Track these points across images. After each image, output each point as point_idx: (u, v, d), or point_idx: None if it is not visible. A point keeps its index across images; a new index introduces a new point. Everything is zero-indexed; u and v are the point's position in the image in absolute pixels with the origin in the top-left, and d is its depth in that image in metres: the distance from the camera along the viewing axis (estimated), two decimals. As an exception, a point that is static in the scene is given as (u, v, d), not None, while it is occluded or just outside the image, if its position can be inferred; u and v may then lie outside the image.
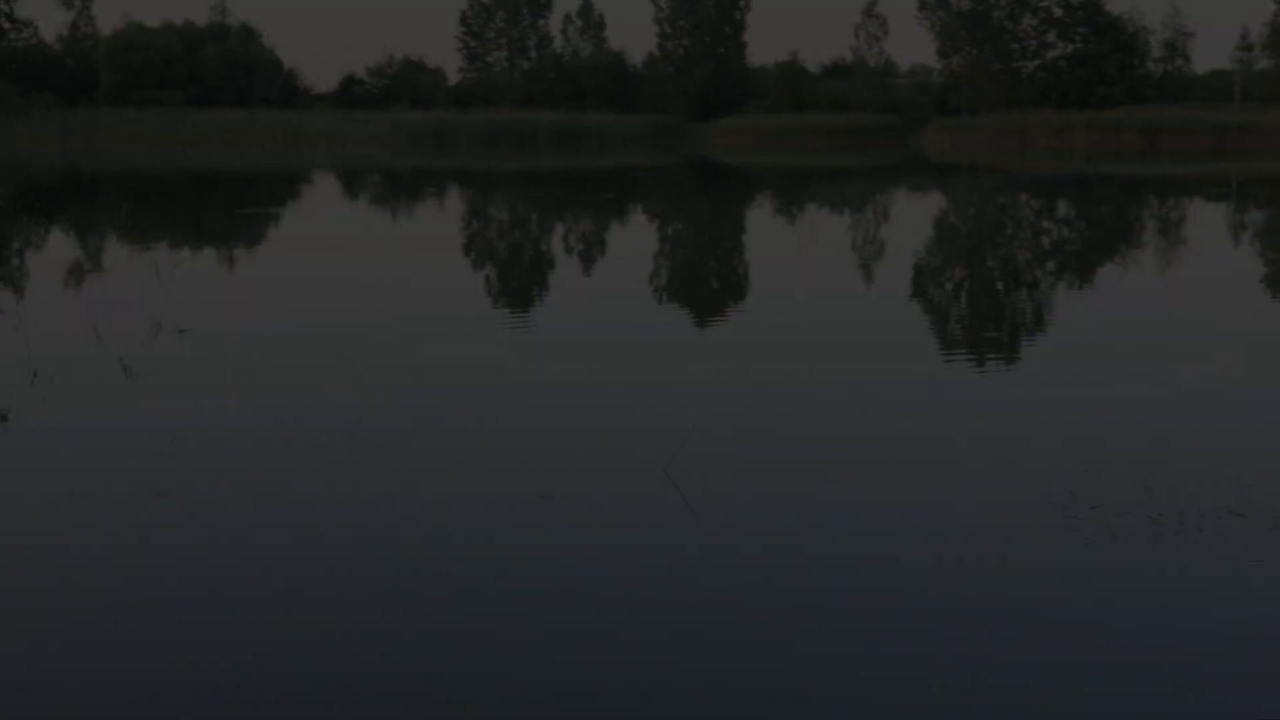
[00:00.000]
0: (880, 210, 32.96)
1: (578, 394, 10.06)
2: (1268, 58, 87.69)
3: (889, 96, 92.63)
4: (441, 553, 6.44)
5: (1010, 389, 10.57)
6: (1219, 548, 6.46)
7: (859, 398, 10.00)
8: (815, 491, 7.46)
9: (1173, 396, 10.18)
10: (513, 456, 8.07)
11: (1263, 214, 31.31)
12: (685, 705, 4.91)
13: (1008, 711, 4.85)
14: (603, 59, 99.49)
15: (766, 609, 5.76)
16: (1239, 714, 4.82)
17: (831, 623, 5.61)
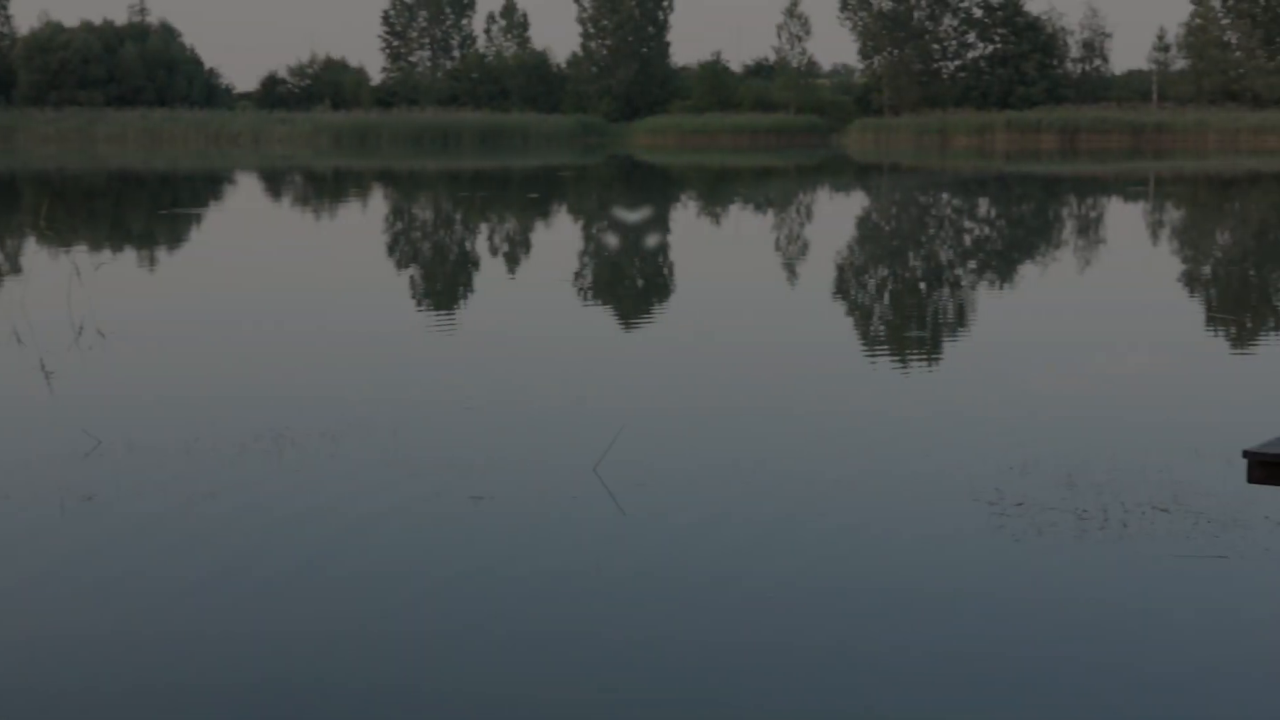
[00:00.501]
0: (804, 209, 33.14)
1: (506, 394, 10.04)
2: (1184, 58, 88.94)
3: (811, 96, 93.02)
4: (371, 554, 6.40)
5: (935, 387, 10.66)
6: (1144, 543, 6.55)
7: (785, 396, 10.04)
8: (743, 489, 7.48)
9: (1096, 393, 10.31)
10: (442, 458, 8.04)
11: (1179, 212, 31.79)
12: (617, 699, 4.92)
13: (932, 702, 4.90)
14: (526, 59, 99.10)
15: (697, 604, 5.78)
16: (1167, 701, 4.90)
17: (756, 617, 5.64)
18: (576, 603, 5.82)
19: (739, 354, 11.93)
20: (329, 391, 10.14)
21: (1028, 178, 46.34)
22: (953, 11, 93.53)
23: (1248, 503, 7.04)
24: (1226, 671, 5.15)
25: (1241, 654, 5.30)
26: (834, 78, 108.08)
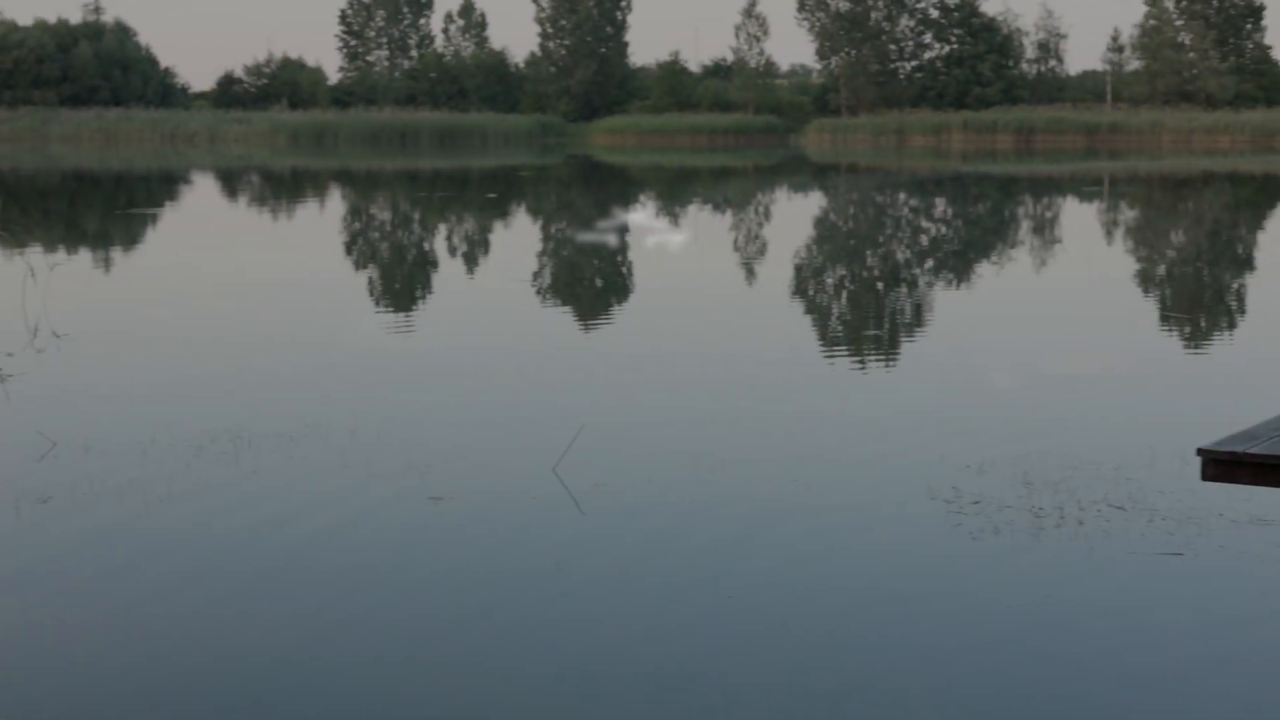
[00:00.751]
0: (763, 209, 33.20)
1: (465, 395, 10.03)
2: (1138, 59, 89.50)
3: (769, 97, 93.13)
4: (328, 556, 6.39)
5: (893, 386, 10.71)
6: (1099, 541, 6.60)
7: (743, 396, 10.07)
8: (702, 488, 7.50)
9: (1052, 392, 10.38)
10: (400, 460, 8.02)
11: (1134, 212, 32.01)
12: (577, 695, 4.93)
13: (891, 697, 4.93)
14: (484, 59, 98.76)
15: (655, 603, 5.79)
16: (1124, 696, 4.94)
17: (715, 616, 5.65)
18: (536, 602, 5.82)
19: (698, 354, 11.95)
20: (286, 393, 10.10)
21: (984, 178, 46.57)
22: (909, 12, 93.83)
23: (1202, 500, 7.11)
24: (1182, 666, 5.20)
25: (1197, 649, 5.35)
26: (792, 78, 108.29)
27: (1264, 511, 6.90)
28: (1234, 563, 6.29)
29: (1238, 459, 5.20)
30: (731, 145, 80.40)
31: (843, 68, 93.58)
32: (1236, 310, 15.61)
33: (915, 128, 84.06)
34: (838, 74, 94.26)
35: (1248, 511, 6.94)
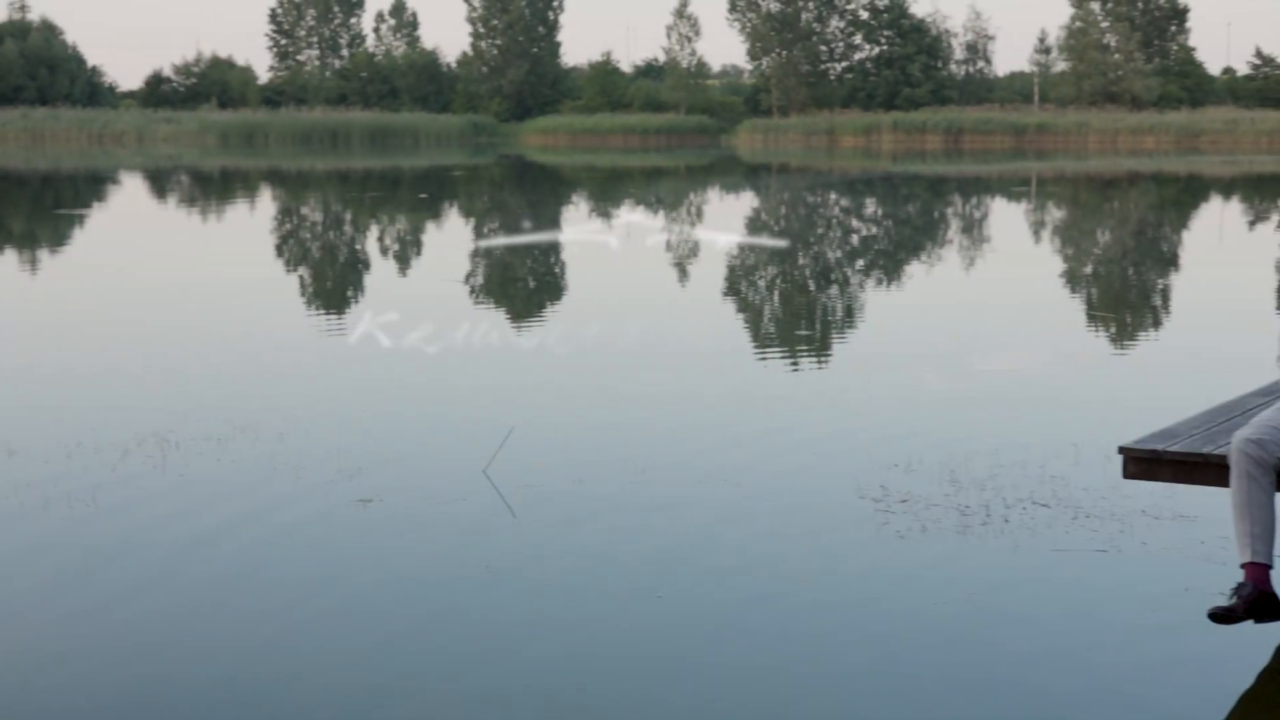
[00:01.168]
0: (695, 209, 33.28)
1: (394, 396, 9.99)
2: (1065, 60, 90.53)
3: (701, 97, 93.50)
4: (256, 559, 6.35)
5: (822, 385, 10.78)
6: (1024, 538, 6.67)
7: (673, 396, 10.10)
8: (633, 488, 7.52)
9: (979, 391, 10.48)
10: (329, 462, 7.98)
11: (1061, 211, 32.36)
12: (505, 699, 4.93)
13: (817, 697, 4.97)
14: (416, 58, 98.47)
15: (585, 604, 5.80)
16: (1047, 692, 5.00)
17: (646, 617, 5.68)
18: (466, 604, 5.82)
19: (629, 354, 11.97)
20: (214, 394, 10.02)
21: (914, 178, 46.91)
22: (840, 14, 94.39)
23: (1125, 497, 7.20)
24: (1106, 662, 5.27)
25: (1118, 645, 5.43)
26: (723, 78, 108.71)
27: (1186, 508, 7.01)
28: (1157, 559, 6.38)
29: (1158, 457, 5.28)
30: (663, 145, 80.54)
31: (774, 68, 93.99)
32: (1161, 309, 15.84)
33: (846, 128, 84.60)
34: (769, 75, 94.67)
35: (1170, 508, 7.04)
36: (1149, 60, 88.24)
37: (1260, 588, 4.93)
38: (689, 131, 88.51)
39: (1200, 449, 5.24)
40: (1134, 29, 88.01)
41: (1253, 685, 5.07)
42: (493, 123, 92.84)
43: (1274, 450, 4.99)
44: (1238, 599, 4.91)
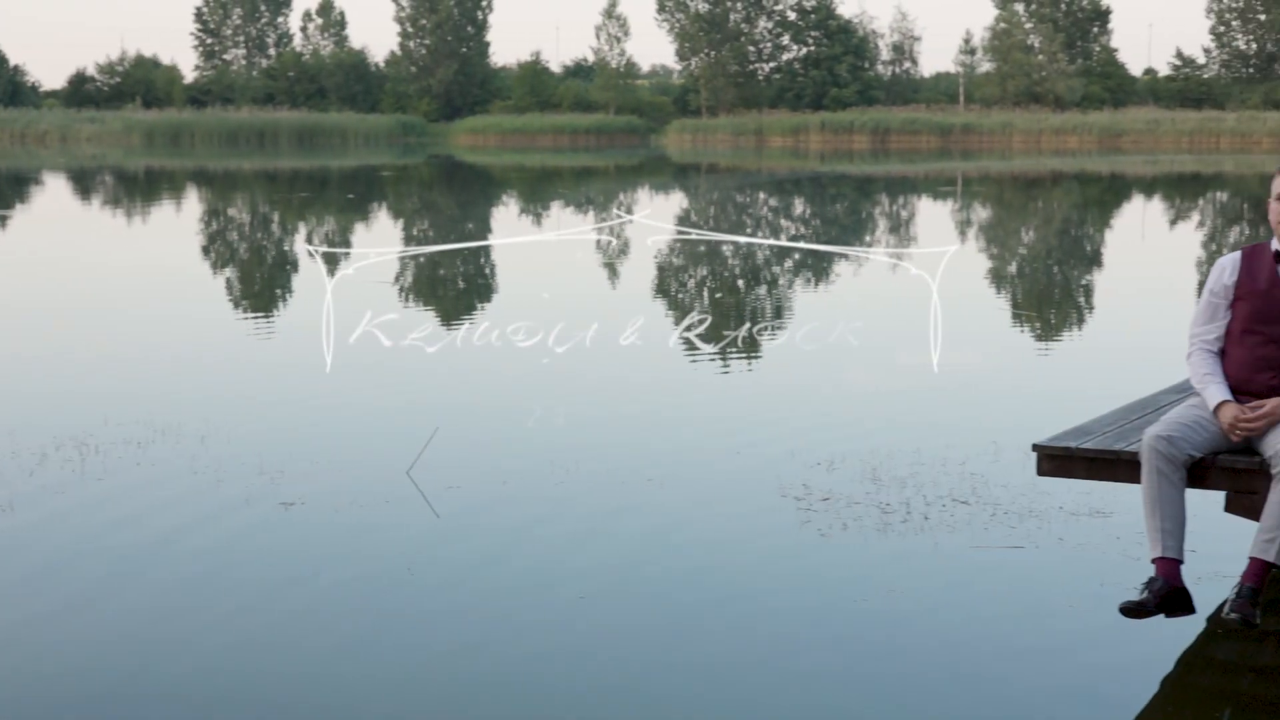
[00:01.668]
0: (625, 209, 33.29)
1: (318, 399, 9.95)
2: (989, 61, 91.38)
3: (630, 97, 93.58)
4: (177, 564, 6.30)
5: (746, 385, 10.83)
6: (944, 535, 6.75)
7: (597, 396, 10.12)
8: (557, 489, 7.53)
9: (901, 390, 10.56)
10: (251, 465, 7.93)
11: (986, 211, 32.66)
12: (429, 702, 4.93)
13: (740, 693, 5.00)
14: (344, 58, 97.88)
15: (508, 605, 5.81)
16: (968, 686, 5.06)
17: (568, 617, 5.69)
18: (389, 607, 5.81)
19: (552, 355, 11.97)
20: (136, 397, 9.93)
21: (841, 178, 47.18)
22: (768, 14, 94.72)
23: (1043, 494, 7.30)
24: (1021, 658, 5.34)
25: (1035, 641, 5.50)
26: (653, 79, 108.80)
27: (1102, 504, 7.11)
28: (1072, 554, 6.47)
29: (1070, 454, 5.36)
30: (593, 145, 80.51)
31: (702, 69, 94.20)
32: (1084, 307, 16.03)
33: (774, 128, 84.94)
34: (698, 75, 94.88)
35: (1087, 504, 7.15)
36: (1072, 61, 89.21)
37: (1171, 583, 5.01)
38: (618, 131, 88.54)
39: (1112, 446, 5.32)
40: (1057, 30, 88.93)
41: (1166, 679, 5.16)
42: (422, 123, 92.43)
43: (1184, 447, 5.08)
44: (1149, 593, 4.99)
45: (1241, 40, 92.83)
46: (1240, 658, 5.35)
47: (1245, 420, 5.11)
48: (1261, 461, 5.06)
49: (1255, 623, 4.88)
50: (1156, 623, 5.26)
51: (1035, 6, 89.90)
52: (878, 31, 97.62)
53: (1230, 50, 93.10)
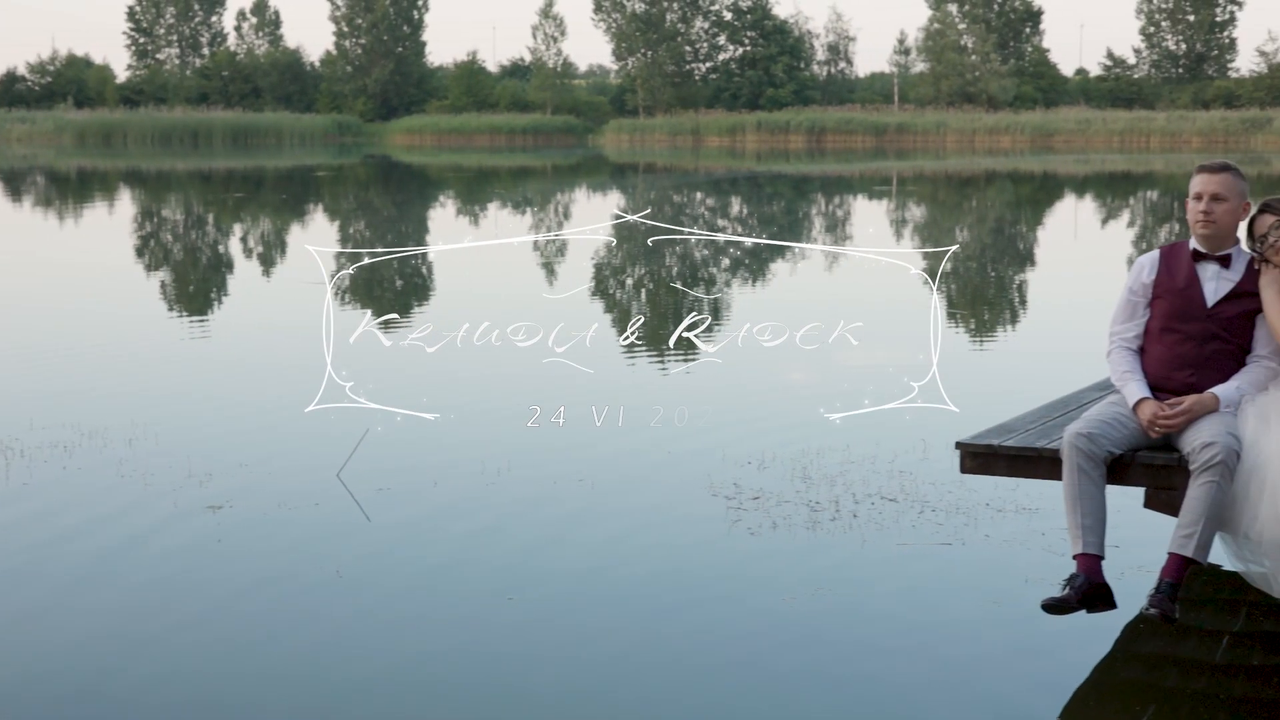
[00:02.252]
0: (562, 208, 33.29)
1: (247, 401, 9.88)
2: (923, 62, 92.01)
3: (568, 97, 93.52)
4: (102, 569, 6.25)
5: (678, 384, 10.85)
6: (871, 532, 6.80)
7: (528, 394, 10.10)
8: (488, 490, 7.52)
9: (832, 388, 10.61)
10: (179, 468, 7.87)
11: (920, 210, 32.88)
12: (357, 705, 4.92)
13: (671, 690, 5.02)
14: (279, 57, 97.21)
15: (439, 606, 5.80)
16: (894, 681, 5.11)
17: (499, 618, 5.69)
18: (317, 610, 5.78)
19: (485, 354, 11.95)
20: (62, 400, 9.83)
21: (778, 177, 47.34)
22: (704, 14, 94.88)
23: (970, 491, 7.37)
24: (947, 654, 5.39)
25: (961, 637, 5.55)
26: (589, 78, 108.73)
27: (1028, 501, 7.19)
28: (998, 550, 6.54)
29: (993, 452, 5.41)
30: (530, 145, 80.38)
31: (639, 69, 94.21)
32: (1018, 305, 16.18)
33: (711, 128, 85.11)
34: (634, 75, 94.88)
35: (1013, 501, 7.22)
36: (1005, 61, 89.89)
37: (1092, 578, 5.07)
38: (555, 131, 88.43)
39: (1034, 444, 5.38)
40: (990, 31, 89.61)
41: (1090, 674, 5.22)
42: (358, 122, 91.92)
43: (1104, 444, 5.14)
44: (1070, 590, 5.05)
45: (1171, 41, 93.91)
46: (1163, 652, 5.43)
47: (1163, 417, 5.19)
48: (1179, 458, 5.13)
49: (1174, 618, 4.95)
50: (1080, 618, 5.32)
51: (968, 7, 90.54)
52: (813, 32, 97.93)
53: (1160, 51, 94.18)
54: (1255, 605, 5.71)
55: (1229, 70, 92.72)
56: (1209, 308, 5.34)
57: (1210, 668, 5.27)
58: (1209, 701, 4.95)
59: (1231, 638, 5.54)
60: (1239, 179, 5.40)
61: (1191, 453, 5.03)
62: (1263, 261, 5.31)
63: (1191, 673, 5.24)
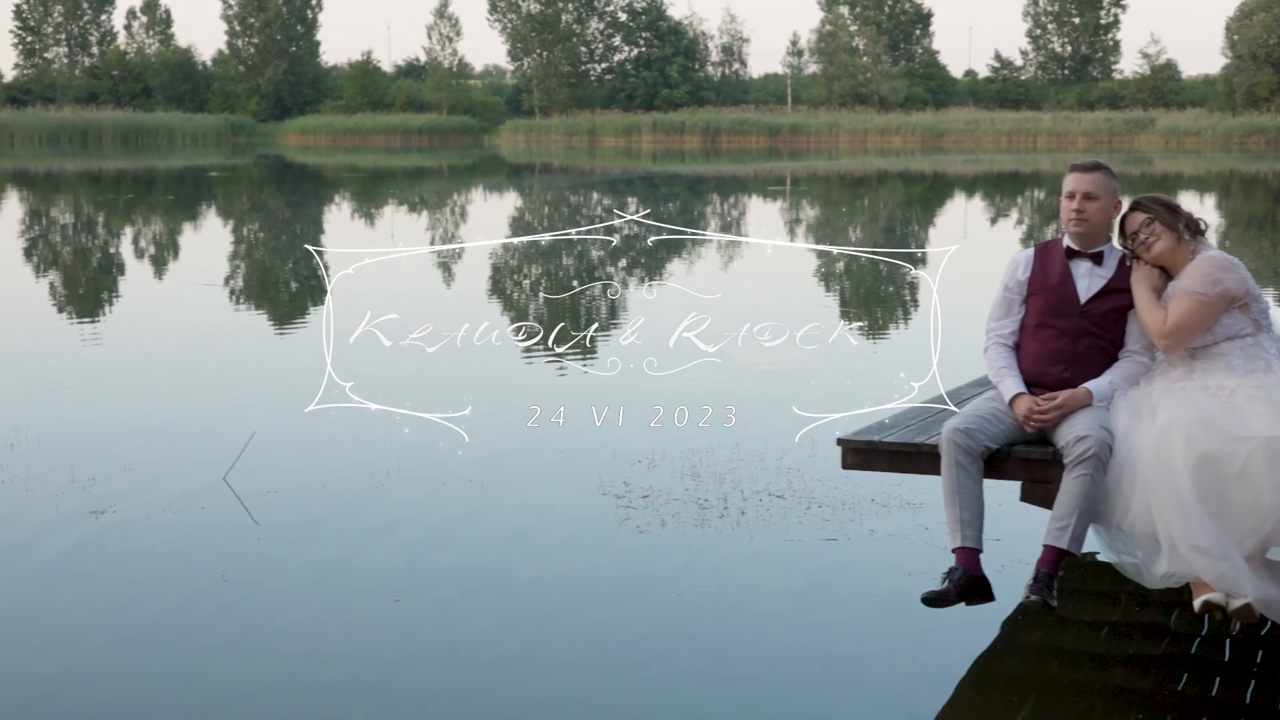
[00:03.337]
0: (459, 209, 33.15)
1: (133, 404, 9.75)
2: (816, 63, 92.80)
3: (463, 97, 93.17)
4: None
5: (571, 382, 10.86)
6: (759, 529, 6.86)
7: (413, 398, 10.06)
8: (377, 492, 7.49)
9: (721, 384, 10.68)
10: (62, 473, 7.75)
11: (814, 209, 33.15)
12: (241, 709, 4.89)
13: (527, 687, 5.04)
14: (170, 56, 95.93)
15: (326, 608, 5.77)
16: (783, 676, 5.16)
17: (385, 620, 5.67)
18: (201, 614, 5.73)
19: (376, 354, 11.89)
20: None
21: (674, 177, 47.48)
22: (599, 15, 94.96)
23: (857, 486, 7.47)
24: (832, 649, 5.45)
25: (845, 632, 5.62)
26: (485, 79, 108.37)
27: (912, 496, 7.29)
28: (883, 545, 6.64)
29: (874, 447, 5.49)
30: (426, 146, 79.96)
31: (535, 69, 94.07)
32: (909, 302, 16.35)
33: (607, 129, 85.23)
34: (530, 75, 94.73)
35: (898, 496, 7.32)
36: (896, 63, 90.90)
37: (970, 571, 5.16)
38: (451, 132, 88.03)
39: (914, 439, 5.47)
40: (881, 33, 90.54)
41: (973, 666, 5.31)
42: (251, 123, 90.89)
43: (981, 439, 5.24)
44: (949, 583, 5.13)
45: (1057, 43, 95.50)
46: (1044, 643, 5.54)
47: (1038, 412, 5.29)
48: (1054, 452, 5.24)
49: (1053, 605, 5.06)
50: (963, 611, 5.41)
51: (860, 9, 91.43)
52: (707, 33, 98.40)
53: (1046, 53, 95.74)
54: (1133, 596, 5.84)
55: (1113, 72, 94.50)
56: (1082, 304, 5.46)
57: (1090, 657, 5.39)
58: (1089, 691, 5.06)
59: (1110, 628, 5.67)
60: (1110, 177, 5.53)
61: (1065, 446, 5.13)
62: (1134, 258, 5.45)
63: (1072, 663, 5.35)
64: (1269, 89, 78.49)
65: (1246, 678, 5.17)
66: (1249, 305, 5.28)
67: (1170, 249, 5.36)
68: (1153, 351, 5.47)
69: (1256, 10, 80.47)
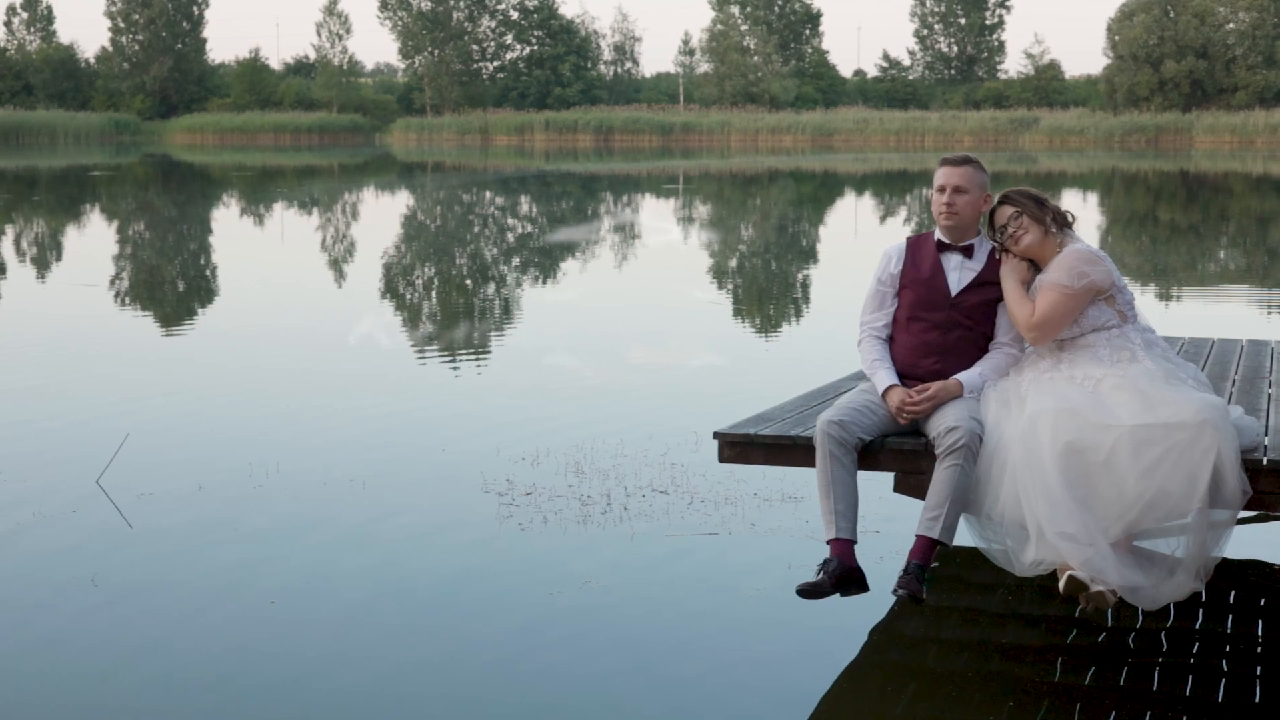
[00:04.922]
0: (349, 207, 32.87)
1: (3, 406, 9.56)
2: (707, 62, 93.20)
3: (354, 95, 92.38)
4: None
5: (452, 380, 10.81)
6: (641, 524, 6.87)
7: (299, 393, 9.98)
8: (256, 493, 7.40)
9: (607, 383, 10.70)
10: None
11: (706, 207, 33.28)
12: (115, 712, 4.82)
13: (441, 688, 5.01)
14: (52, 53, 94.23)
15: (201, 610, 5.68)
16: (664, 671, 5.17)
17: (260, 619, 5.60)
18: (73, 617, 5.62)
19: (260, 354, 11.76)
20: None
21: (566, 176, 47.46)
22: (491, 13, 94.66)
23: (739, 481, 7.50)
24: (713, 643, 5.47)
25: (726, 625, 5.65)
26: (376, 77, 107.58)
27: (793, 489, 7.34)
28: (763, 539, 6.67)
29: (750, 441, 5.51)
30: (316, 144, 79.24)
31: (426, 67, 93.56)
32: (800, 299, 16.47)
33: (499, 127, 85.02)
34: (421, 73, 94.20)
35: (779, 490, 7.37)
36: (786, 63, 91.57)
37: (845, 563, 5.18)
38: (342, 130, 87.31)
39: (790, 432, 5.49)
40: (771, 32, 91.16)
41: (854, 657, 5.36)
42: (136, 121, 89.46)
43: (855, 431, 5.27)
44: (824, 574, 5.15)
45: (943, 43, 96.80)
46: (922, 633, 5.60)
47: (910, 403, 5.34)
48: (926, 443, 5.29)
49: (922, 598, 5.09)
50: (843, 602, 5.41)
51: (750, 9, 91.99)
52: (600, 32, 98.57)
53: (933, 53, 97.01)
54: (1010, 586, 5.92)
55: (998, 72, 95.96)
56: (953, 297, 5.52)
57: (967, 646, 5.46)
58: (967, 679, 5.12)
59: (988, 617, 5.75)
60: (980, 171, 5.60)
61: (937, 437, 5.18)
62: (1003, 251, 5.52)
63: (950, 652, 5.41)
64: (1149, 89, 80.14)
65: (1120, 664, 5.27)
66: (1114, 297, 5.37)
67: (1038, 242, 5.44)
68: (1022, 343, 5.54)
69: (1137, 11, 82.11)
